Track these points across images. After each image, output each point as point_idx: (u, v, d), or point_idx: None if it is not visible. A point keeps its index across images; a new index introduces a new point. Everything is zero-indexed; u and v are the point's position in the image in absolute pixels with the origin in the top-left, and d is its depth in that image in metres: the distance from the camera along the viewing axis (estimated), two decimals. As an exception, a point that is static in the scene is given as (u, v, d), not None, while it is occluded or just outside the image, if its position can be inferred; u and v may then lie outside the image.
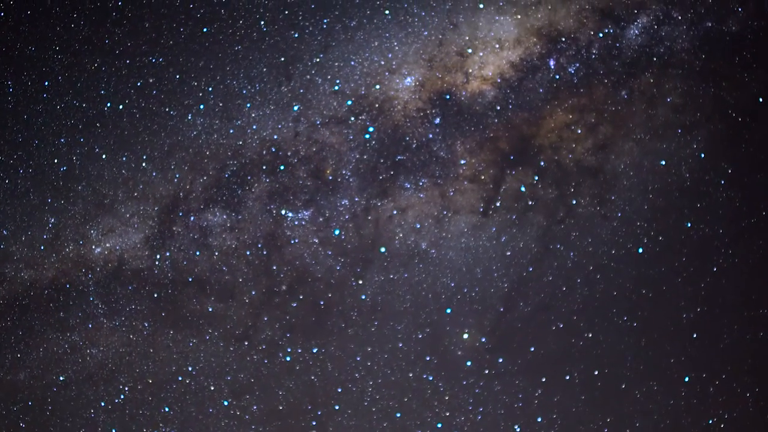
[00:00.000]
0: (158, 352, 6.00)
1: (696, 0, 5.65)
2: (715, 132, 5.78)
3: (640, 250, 5.85)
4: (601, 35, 5.59)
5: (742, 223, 5.95)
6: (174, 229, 5.87)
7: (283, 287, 5.81)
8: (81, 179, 5.91)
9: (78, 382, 6.10)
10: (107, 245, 5.96)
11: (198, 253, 5.85)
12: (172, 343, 5.99)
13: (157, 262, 5.90)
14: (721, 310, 6.02)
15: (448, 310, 5.84)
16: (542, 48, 5.57)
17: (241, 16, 5.62)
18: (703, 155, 5.78)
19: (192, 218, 5.83)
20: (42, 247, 6.00)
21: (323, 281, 5.79)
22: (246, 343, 5.92)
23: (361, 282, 5.79)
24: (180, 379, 6.00)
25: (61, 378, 6.10)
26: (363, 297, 5.82)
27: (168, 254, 5.88)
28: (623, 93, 5.67)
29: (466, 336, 5.88)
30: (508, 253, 5.78)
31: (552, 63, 5.59)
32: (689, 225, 5.87)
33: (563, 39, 5.58)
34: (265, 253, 5.79)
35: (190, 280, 5.87)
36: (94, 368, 6.08)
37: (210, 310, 5.89)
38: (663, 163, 5.77)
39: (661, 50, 5.67)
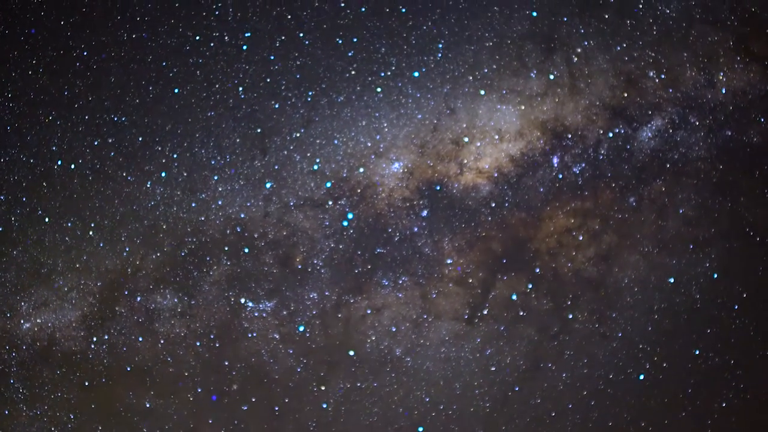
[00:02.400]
0: (82, 450, 5.48)
1: (715, 106, 5.36)
2: (730, 250, 5.47)
3: (641, 377, 5.50)
4: (610, 135, 5.27)
5: (756, 354, 5.61)
6: (116, 309, 5.36)
7: (234, 387, 5.34)
8: (17, 243, 5.42)
9: (-16, 479, 5.55)
10: (38, 321, 5.46)
11: (141, 339, 5.34)
12: (100, 441, 5.47)
13: (92, 346, 5.38)
14: (729, 451, 5.67)
15: (420, 429, 5.42)
16: (546, 143, 5.22)
17: (218, 79, 5.19)
18: (716, 275, 5.46)
19: (138, 299, 5.33)
20: (-37, 317, 5.50)
21: (280, 384, 5.32)
22: (185, 449, 5.43)
23: (323, 388, 5.33)
24: (104, 484, 5.48)
25: (-35, 472, 5.54)
26: (324, 405, 5.35)
27: (106, 337, 5.36)
28: (631, 200, 5.33)
29: (438, 460, 5.45)
30: (493, 369, 5.38)
31: (555, 160, 5.24)
32: (697, 352, 5.53)
33: (569, 135, 5.23)
34: (217, 345, 5.29)
35: (129, 369, 5.35)
36: (5, 463, 5.55)
37: (148, 405, 5.39)
38: (671, 280, 5.43)
39: (675, 156, 5.34)
